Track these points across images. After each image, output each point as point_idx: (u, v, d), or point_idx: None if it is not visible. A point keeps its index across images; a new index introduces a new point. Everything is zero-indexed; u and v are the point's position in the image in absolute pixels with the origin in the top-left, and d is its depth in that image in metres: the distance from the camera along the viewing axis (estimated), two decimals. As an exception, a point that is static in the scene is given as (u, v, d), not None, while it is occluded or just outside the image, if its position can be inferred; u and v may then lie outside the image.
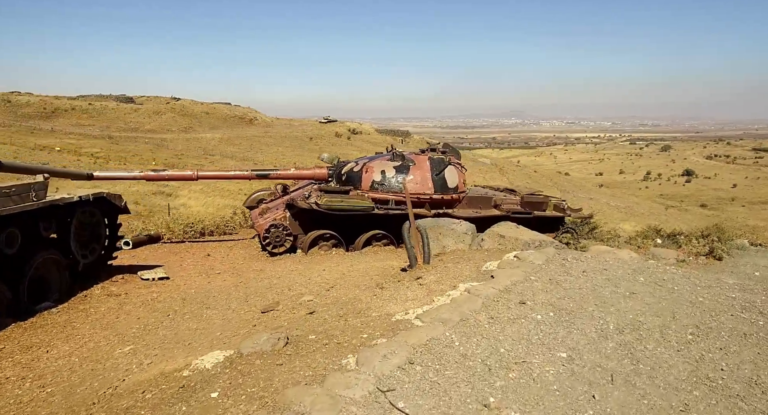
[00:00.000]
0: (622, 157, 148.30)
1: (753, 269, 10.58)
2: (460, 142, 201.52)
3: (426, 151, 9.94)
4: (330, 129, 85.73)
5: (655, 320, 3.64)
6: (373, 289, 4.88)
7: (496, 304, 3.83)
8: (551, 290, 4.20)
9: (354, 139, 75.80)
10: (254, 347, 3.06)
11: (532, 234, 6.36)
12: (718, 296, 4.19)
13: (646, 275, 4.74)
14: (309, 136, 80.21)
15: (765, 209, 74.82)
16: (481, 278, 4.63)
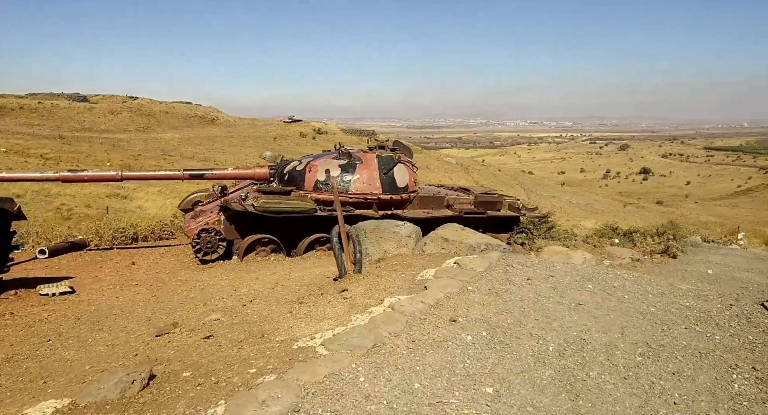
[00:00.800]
0: (583, 156, 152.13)
1: (706, 266, 10.48)
2: (426, 142, 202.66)
3: (374, 149, 9.37)
4: (295, 129, 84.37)
5: (601, 337, 3.16)
6: (292, 304, 4.26)
7: (422, 323, 3.28)
8: (489, 302, 3.69)
9: (319, 139, 74.79)
10: (97, 394, 2.39)
11: (478, 237, 5.87)
12: (671, 306, 3.76)
13: (596, 282, 4.29)
14: (273, 136, 78.66)
15: (716, 205, 77.90)
16: (414, 290, 4.07)
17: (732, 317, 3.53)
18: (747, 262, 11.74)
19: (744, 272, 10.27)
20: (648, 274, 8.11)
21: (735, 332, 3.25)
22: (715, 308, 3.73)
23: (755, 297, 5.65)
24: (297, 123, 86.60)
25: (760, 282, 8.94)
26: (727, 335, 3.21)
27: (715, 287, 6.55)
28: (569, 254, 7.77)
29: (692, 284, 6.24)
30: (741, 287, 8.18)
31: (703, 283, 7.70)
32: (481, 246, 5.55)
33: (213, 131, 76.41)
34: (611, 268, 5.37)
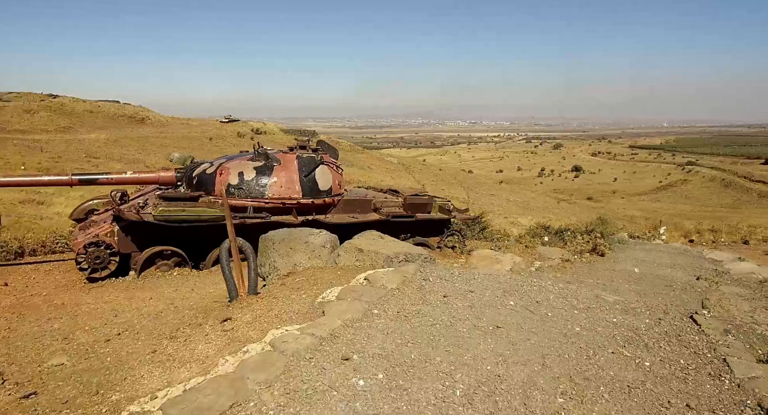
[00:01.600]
0: (520, 155, 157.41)
1: (633, 264, 10.56)
2: (369, 142, 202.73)
3: (294, 149, 8.63)
4: (232, 129, 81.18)
5: (519, 371, 2.66)
6: (162, 339, 3.50)
7: (306, 365, 2.64)
8: (394, 330, 3.11)
9: (258, 139, 72.48)
10: None
11: (397, 246, 5.32)
12: (597, 323, 3.36)
13: (518, 296, 3.84)
14: (208, 136, 75.36)
15: (641, 199, 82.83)
16: (310, 316, 3.44)
17: (661, 335, 3.15)
18: (669, 257, 12.02)
19: (667, 268, 10.42)
20: (577, 275, 7.96)
21: (665, 356, 2.86)
22: (644, 323, 3.35)
23: (682, 304, 5.49)
24: (234, 123, 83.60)
25: (682, 279, 9.04)
26: (657, 360, 2.81)
27: (642, 293, 6.39)
28: (498, 258, 7.44)
29: (620, 289, 6.00)
30: (666, 285, 8.18)
31: (630, 284, 7.60)
32: (399, 256, 5.00)
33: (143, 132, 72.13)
34: (536, 278, 4.99)
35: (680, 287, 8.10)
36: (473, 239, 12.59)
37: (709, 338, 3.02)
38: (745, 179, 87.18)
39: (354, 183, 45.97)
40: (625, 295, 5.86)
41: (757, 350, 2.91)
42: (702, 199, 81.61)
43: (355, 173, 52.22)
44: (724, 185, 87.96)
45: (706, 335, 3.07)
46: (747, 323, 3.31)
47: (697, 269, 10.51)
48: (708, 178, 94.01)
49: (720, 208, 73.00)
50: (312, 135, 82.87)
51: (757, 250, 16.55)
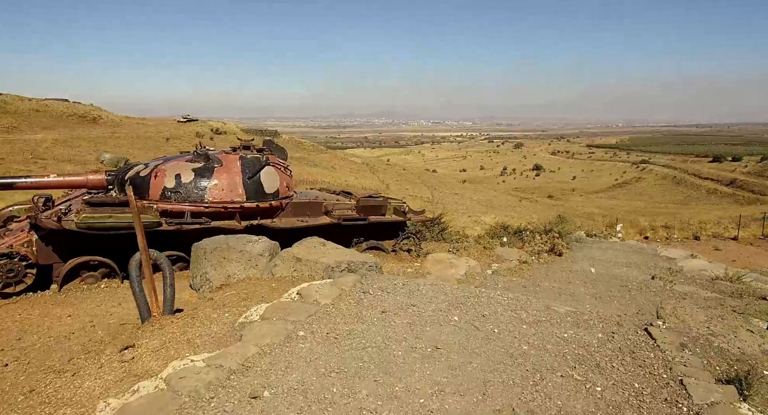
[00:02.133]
0: (482, 154, 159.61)
1: (590, 263, 10.51)
2: (333, 142, 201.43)
3: (238, 149, 8.10)
4: (190, 129, 78.66)
5: (456, 404, 2.31)
6: (49, 373, 2.98)
7: (205, 408, 2.21)
8: (319, 356, 2.71)
9: (218, 139, 70.39)
10: None
11: (339, 253, 4.91)
12: (547, 340, 3.05)
13: (464, 310, 3.50)
14: (165, 136, 72.72)
15: (598, 197, 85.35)
16: (227, 340, 2.99)
17: (615, 352, 2.87)
18: (625, 255, 12.09)
19: (623, 267, 10.42)
20: (533, 278, 7.77)
21: (619, 378, 2.57)
22: (596, 338, 3.07)
23: (636, 311, 5.32)
24: (193, 123, 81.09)
25: (638, 279, 9.02)
26: (609, 383, 2.52)
27: (597, 297, 6.21)
28: (453, 262, 7.15)
29: (576, 293, 5.80)
30: (621, 285, 8.10)
31: (586, 286, 7.45)
32: (341, 266, 4.59)
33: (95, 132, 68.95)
34: (486, 287, 4.68)
35: (636, 287, 8.03)
36: (432, 240, 12.32)
37: (664, 355, 2.76)
38: (694, 177, 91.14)
39: (318, 183, 45.20)
40: (579, 300, 5.66)
41: (715, 367, 2.67)
42: (655, 196, 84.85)
43: (319, 173, 51.44)
44: (675, 183, 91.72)
45: (661, 351, 2.81)
46: (703, 334, 3.09)
47: (652, 268, 10.56)
48: (660, 175, 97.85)
49: (672, 204, 76.07)
50: (274, 135, 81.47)
51: (707, 245, 17.03)
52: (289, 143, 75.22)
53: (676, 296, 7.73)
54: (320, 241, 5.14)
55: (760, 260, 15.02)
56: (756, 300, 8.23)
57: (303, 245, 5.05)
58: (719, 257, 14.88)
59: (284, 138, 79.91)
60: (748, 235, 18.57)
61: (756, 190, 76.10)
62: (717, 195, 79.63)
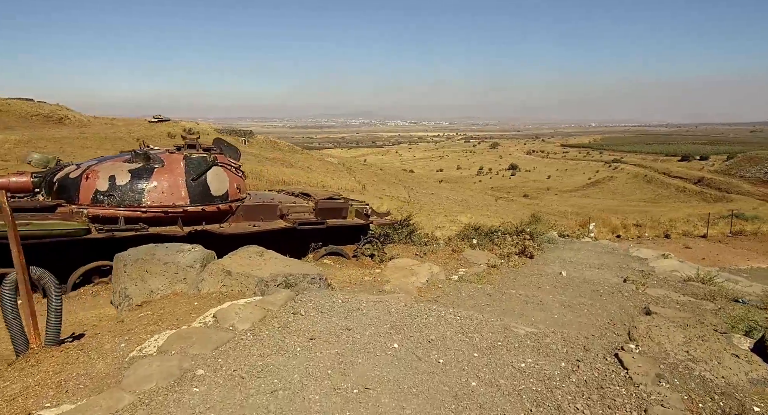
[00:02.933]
0: (459, 154, 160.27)
1: (561, 266, 10.14)
2: (309, 142, 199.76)
3: (182, 148, 7.43)
4: (162, 129, 76.61)
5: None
6: None
7: None
8: (214, 405, 2.14)
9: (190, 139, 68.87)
10: None
11: (277, 265, 4.33)
12: (501, 372, 2.55)
13: (407, 333, 2.98)
14: (136, 137, 70.57)
15: (572, 196, 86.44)
16: (106, 382, 2.40)
17: (580, 388, 2.38)
18: (597, 256, 11.80)
19: (595, 269, 10.10)
20: (500, 285, 7.30)
21: (583, 425, 2.08)
22: (559, 369, 2.58)
23: (606, 330, 4.89)
24: (164, 123, 79.03)
25: (609, 282, 8.67)
26: (572, 435, 2.02)
27: (566, 305, 5.77)
28: (415, 269, 6.64)
29: (545, 301, 5.33)
30: (593, 290, 7.73)
31: (555, 293, 7.02)
32: (277, 279, 4.01)
33: (61, 132, 66.48)
34: (444, 300, 4.17)
35: (607, 291, 7.66)
36: (401, 242, 11.82)
37: (638, 391, 2.28)
38: (664, 175, 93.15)
39: (293, 184, 44.43)
40: (547, 309, 5.21)
41: (698, 405, 2.20)
42: (627, 195, 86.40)
43: (294, 174, 50.51)
44: (646, 181, 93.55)
45: (634, 386, 2.34)
46: (682, 361, 2.64)
47: (624, 269, 10.27)
48: (632, 174, 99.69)
49: (643, 202, 77.53)
50: (248, 135, 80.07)
51: (677, 243, 17.00)
52: (264, 144, 73.90)
53: (649, 300, 7.40)
54: (258, 250, 4.54)
55: (728, 257, 15.02)
56: (728, 302, 7.97)
57: (237, 255, 4.46)
58: (689, 255, 14.83)
59: (259, 138, 78.56)
60: (716, 233, 18.69)
61: (722, 188, 78.16)
62: (686, 193, 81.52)
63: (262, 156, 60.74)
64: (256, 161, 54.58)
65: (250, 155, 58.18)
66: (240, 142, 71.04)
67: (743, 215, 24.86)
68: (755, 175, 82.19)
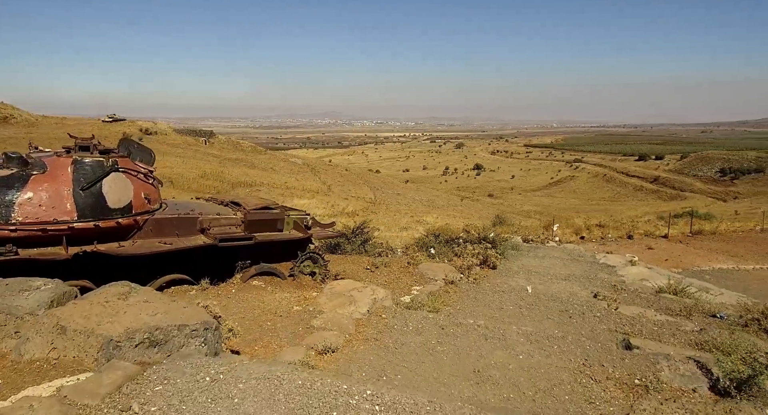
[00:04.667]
0: (425, 154, 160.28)
1: (526, 278, 9.25)
2: (274, 143, 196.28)
3: (72, 150, 6.10)
4: (116, 129, 72.82)
5: None
6: None
7: None
8: None
9: (148, 140, 65.47)
10: None
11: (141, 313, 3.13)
12: None
13: None
14: (87, 137, 66.60)
15: (535, 195, 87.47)
16: None
17: None
18: (564, 264, 11.03)
19: (562, 281, 9.26)
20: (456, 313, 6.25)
21: None
22: None
23: (583, 365, 3.91)
24: (120, 122, 75.30)
25: (579, 298, 7.80)
26: None
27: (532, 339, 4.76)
28: (354, 296, 5.53)
29: (506, 334, 4.21)
30: (561, 311, 6.84)
31: (521, 318, 6.08)
32: (136, 337, 2.83)
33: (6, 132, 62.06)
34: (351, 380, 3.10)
35: (578, 311, 6.78)
36: (353, 253, 10.72)
37: None
38: (622, 175, 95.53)
39: (255, 185, 41.83)
40: (510, 347, 4.19)
41: None
42: (588, 193, 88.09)
43: (256, 175, 48.66)
44: (606, 180, 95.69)
45: None
46: None
47: (593, 280, 9.49)
48: (592, 174, 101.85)
49: (603, 201, 79.10)
50: (209, 135, 77.42)
51: (640, 244, 16.60)
52: (226, 144, 71.40)
53: (624, 322, 6.56)
54: (122, 290, 3.35)
55: (690, 258, 14.67)
56: (707, 319, 7.24)
57: (89, 298, 3.24)
58: (652, 256, 14.40)
59: (221, 138, 75.95)
60: (676, 232, 18.52)
61: (677, 187, 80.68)
62: (643, 192, 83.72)
63: (223, 157, 58.48)
64: (217, 162, 52.38)
65: (211, 156, 55.88)
66: (200, 142, 68.34)
67: (697, 212, 25.07)
68: (707, 174, 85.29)
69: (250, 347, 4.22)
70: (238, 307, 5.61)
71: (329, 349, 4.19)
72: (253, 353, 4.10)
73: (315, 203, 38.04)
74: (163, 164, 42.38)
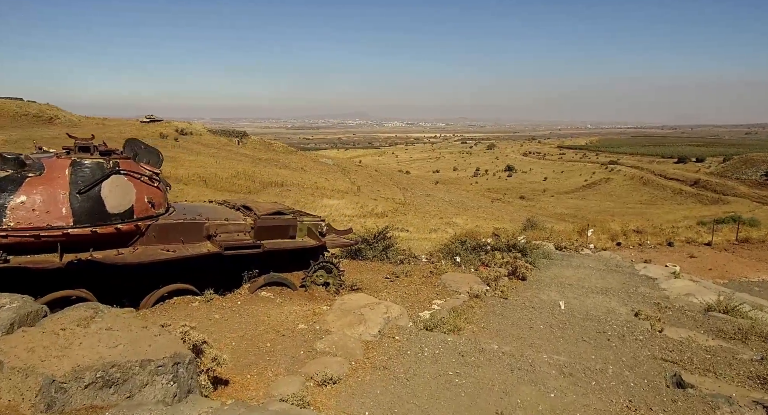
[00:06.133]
0: (456, 155, 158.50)
1: (558, 291, 8.53)
2: (306, 143, 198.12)
3: (71, 151, 5.78)
4: (154, 129, 74.68)
5: None
6: None
7: None
8: None
9: (183, 140, 66.80)
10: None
11: (100, 345, 2.66)
12: None
13: None
14: (126, 137, 68.29)
15: (569, 197, 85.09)
16: None
17: None
18: (600, 275, 10.21)
19: (599, 295, 8.50)
20: (478, 333, 5.64)
21: None
22: None
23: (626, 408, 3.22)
24: (157, 123, 77.20)
25: (618, 317, 7.06)
26: None
27: (564, 372, 4.11)
28: (365, 314, 4.97)
29: (536, 363, 3.59)
30: (598, 332, 6.14)
31: (553, 341, 5.41)
32: (86, 377, 2.38)
33: (51, 132, 64.28)
34: None
35: (617, 334, 6.06)
36: (374, 259, 10.20)
37: None
38: (660, 177, 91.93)
39: (286, 185, 41.72)
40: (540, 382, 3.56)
41: None
42: (623, 196, 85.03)
43: (288, 175, 48.83)
44: (642, 183, 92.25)
45: None
46: None
47: (632, 294, 8.68)
48: (628, 176, 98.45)
49: (639, 204, 76.16)
50: (242, 136, 78.48)
51: (682, 252, 15.50)
52: (259, 144, 72.17)
53: (671, 347, 5.81)
54: (86, 313, 2.90)
55: (736, 267, 13.55)
56: (765, 343, 6.39)
57: (43, 325, 2.80)
58: (695, 265, 13.37)
59: (254, 139, 76.87)
60: (721, 239, 17.28)
61: (718, 190, 76.96)
62: (682, 195, 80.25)
63: (255, 157, 59.03)
64: (249, 162, 52.88)
65: (243, 156, 56.49)
66: (234, 142, 69.26)
67: (740, 217, 23.53)
68: (751, 178, 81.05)
69: (242, 374, 3.75)
70: (240, 322, 5.17)
71: (330, 380, 3.67)
72: (244, 383, 3.62)
73: (344, 204, 37.77)
74: (197, 164, 42.92)
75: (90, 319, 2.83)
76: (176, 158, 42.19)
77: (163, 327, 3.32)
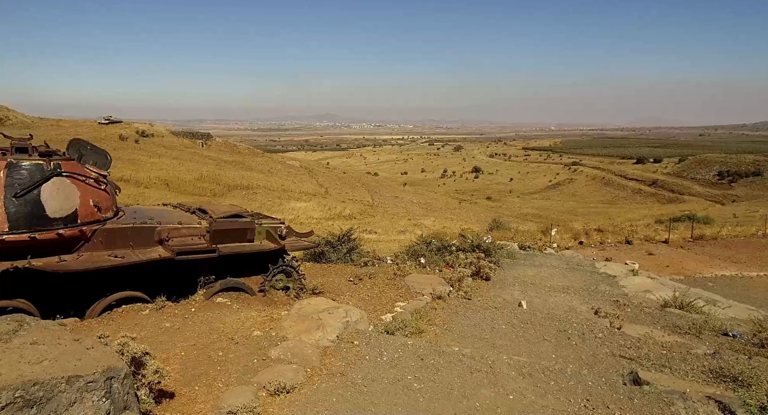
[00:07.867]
0: (423, 156, 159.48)
1: (521, 291, 8.58)
2: (273, 145, 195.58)
3: (7, 152, 5.42)
4: (113, 131, 72.04)
5: None
6: None
7: None
8: None
9: (144, 142, 64.66)
10: None
11: (22, 361, 2.46)
12: None
13: None
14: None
15: (534, 198, 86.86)
16: None
17: None
18: (562, 274, 10.36)
19: (561, 293, 8.60)
20: (440, 335, 5.58)
21: None
22: None
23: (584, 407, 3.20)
24: (116, 124, 74.48)
25: (579, 315, 7.15)
26: None
27: (524, 372, 4.06)
28: (323, 318, 4.84)
29: (496, 367, 3.53)
30: (559, 330, 6.18)
31: (514, 341, 5.41)
32: (1, 398, 2.16)
33: None
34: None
35: (577, 332, 6.11)
36: (338, 262, 10.04)
37: None
38: (620, 177, 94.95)
39: (252, 188, 40.85)
40: (499, 384, 3.49)
41: None
42: (586, 196, 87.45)
43: (253, 178, 47.89)
44: (603, 183, 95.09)
45: None
46: None
47: (593, 292, 8.82)
48: (590, 177, 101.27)
49: (601, 204, 78.45)
50: (206, 137, 76.57)
51: (640, 250, 15.96)
52: (224, 146, 70.62)
53: (628, 344, 5.90)
54: (10, 327, 2.65)
55: (691, 264, 14.05)
56: (719, 338, 6.60)
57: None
58: (653, 262, 13.80)
59: (218, 141, 75.14)
60: (677, 237, 17.93)
61: (675, 190, 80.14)
62: (641, 195, 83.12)
63: (220, 159, 57.71)
64: (214, 165, 51.63)
65: (208, 158, 55.14)
66: (197, 144, 67.50)
67: (696, 216, 24.47)
68: (705, 178, 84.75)
69: (190, 386, 3.54)
70: (193, 330, 4.93)
71: (284, 389, 3.51)
72: (191, 395, 3.42)
73: (312, 206, 37.33)
74: (158, 167, 41.60)
75: (13, 333, 2.60)
76: (137, 161, 40.79)
77: (100, 339, 3.10)
